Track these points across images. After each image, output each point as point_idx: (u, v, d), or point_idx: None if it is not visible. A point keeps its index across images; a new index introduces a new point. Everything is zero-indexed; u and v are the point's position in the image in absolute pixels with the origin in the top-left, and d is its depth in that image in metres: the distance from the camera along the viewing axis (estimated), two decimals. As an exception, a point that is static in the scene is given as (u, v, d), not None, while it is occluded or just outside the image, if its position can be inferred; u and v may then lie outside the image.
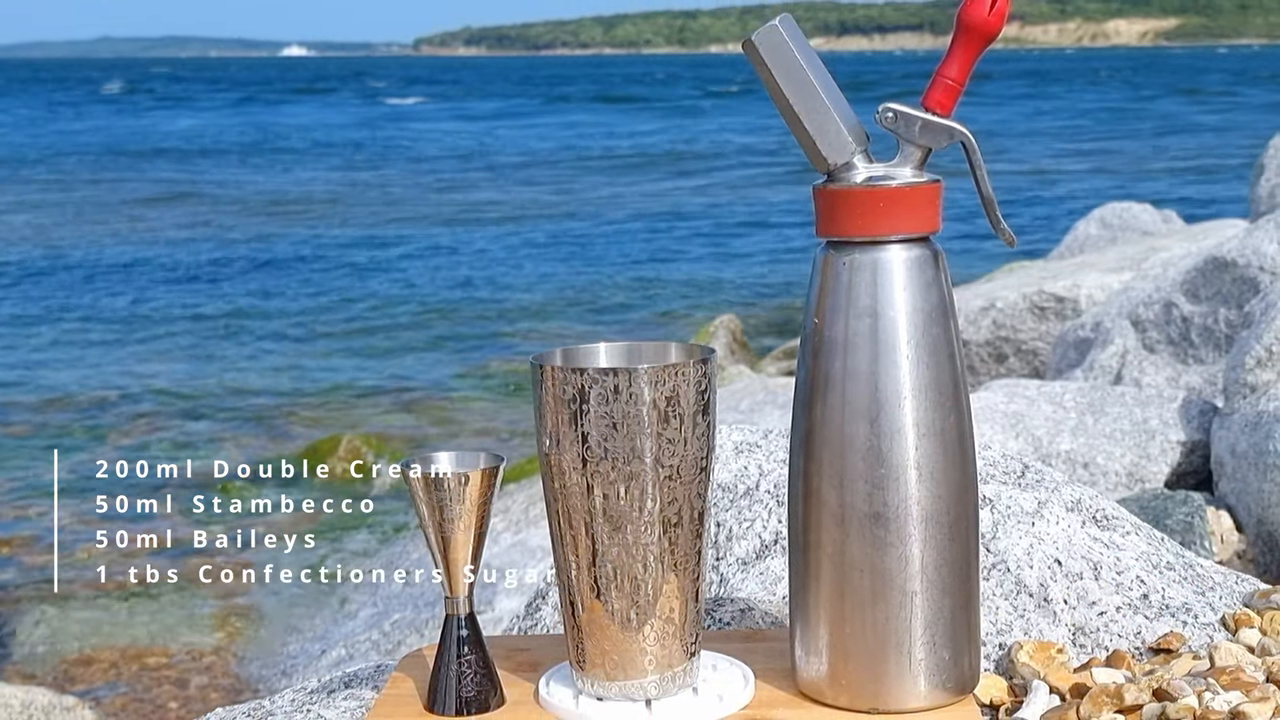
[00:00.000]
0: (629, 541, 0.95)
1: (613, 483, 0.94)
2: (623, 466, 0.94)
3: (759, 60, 0.96)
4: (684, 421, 0.94)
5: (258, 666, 3.84)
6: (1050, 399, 2.90)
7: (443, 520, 0.99)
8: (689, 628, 0.99)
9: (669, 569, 0.97)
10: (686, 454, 0.95)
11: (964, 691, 1.00)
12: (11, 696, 3.00)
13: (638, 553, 0.96)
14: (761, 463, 1.38)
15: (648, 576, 0.96)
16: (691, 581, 0.98)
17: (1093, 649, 1.15)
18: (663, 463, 0.94)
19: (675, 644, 0.98)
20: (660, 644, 0.98)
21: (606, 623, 0.98)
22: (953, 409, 0.97)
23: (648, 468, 0.94)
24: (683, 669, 0.99)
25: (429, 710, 1.01)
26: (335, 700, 1.11)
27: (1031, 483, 1.30)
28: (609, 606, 0.97)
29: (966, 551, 0.99)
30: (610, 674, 0.99)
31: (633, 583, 0.96)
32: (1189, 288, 3.37)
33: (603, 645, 0.98)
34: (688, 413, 0.95)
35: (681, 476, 0.95)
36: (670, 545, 0.96)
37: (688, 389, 0.94)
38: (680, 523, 0.96)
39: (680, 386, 0.94)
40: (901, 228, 0.96)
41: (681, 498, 0.96)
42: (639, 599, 0.97)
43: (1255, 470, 2.38)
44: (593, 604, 0.97)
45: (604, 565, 0.96)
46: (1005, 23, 0.96)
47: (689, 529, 0.97)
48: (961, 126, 0.96)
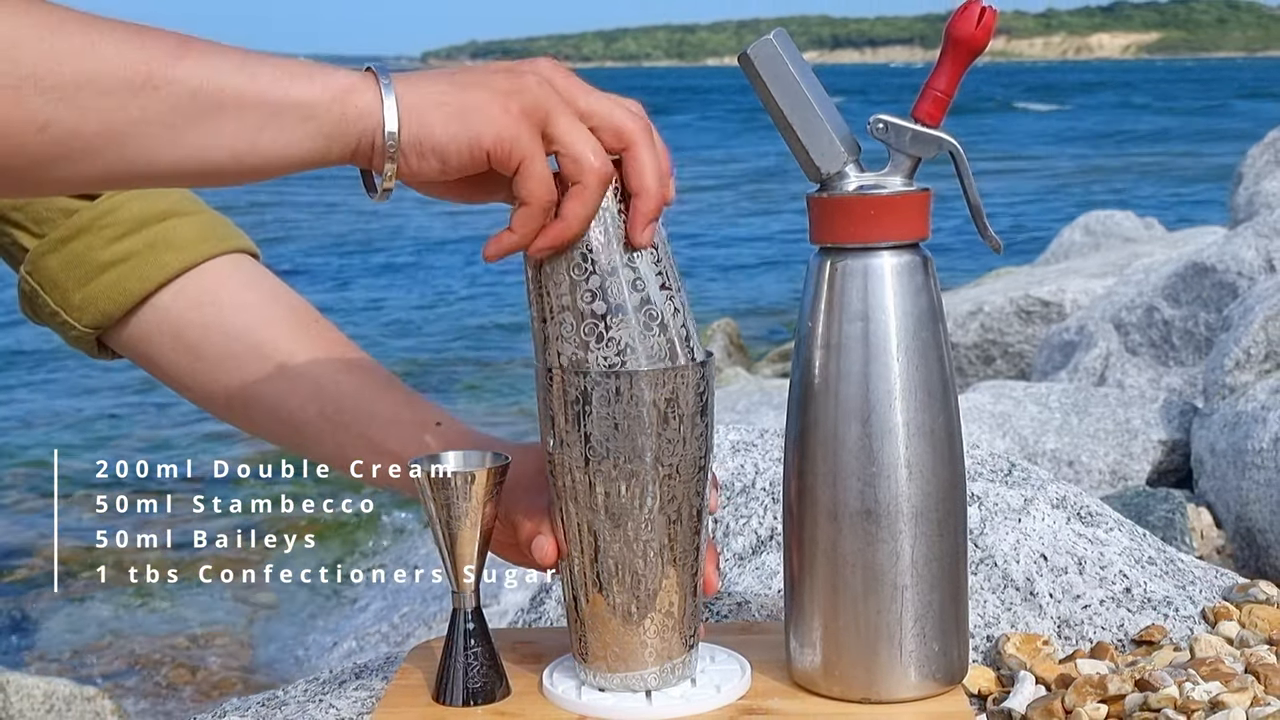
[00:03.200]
0: (630, 537, 0.95)
1: (614, 480, 0.94)
2: (624, 465, 0.94)
3: (754, 73, 0.96)
4: (683, 422, 0.94)
5: (270, 658, 3.84)
6: (1036, 400, 2.91)
7: (449, 518, 0.99)
8: (688, 621, 0.99)
9: (669, 564, 0.97)
10: (686, 453, 0.95)
11: (953, 682, 1.00)
12: (34, 688, 3.00)
13: (638, 548, 0.96)
14: (757, 461, 1.38)
15: (648, 571, 0.96)
16: (690, 576, 0.98)
17: (1077, 641, 1.15)
18: (662, 461, 0.94)
19: (675, 637, 0.98)
20: (660, 637, 0.98)
21: (608, 616, 0.97)
22: (942, 409, 0.97)
23: (648, 466, 0.94)
24: (682, 660, 0.99)
25: (436, 700, 1.01)
26: (346, 690, 1.11)
27: (1018, 480, 1.30)
28: (610, 600, 0.97)
29: (955, 547, 0.99)
30: (612, 666, 0.99)
31: (634, 577, 0.96)
32: (1170, 292, 3.37)
33: (604, 638, 0.98)
34: (687, 414, 0.95)
35: (681, 475, 0.95)
36: (670, 541, 0.96)
37: (687, 391, 0.94)
38: (680, 519, 0.96)
39: (680, 389, 0.94)
40: (892, 235, 0.96)
41: (681, 495, 0.96)
42: (639, 593, 0.97)
43: (1234, 468, 2.38)
44: (595, 598, 0.97)
45: (605, 560, 0.96)
46: (992, 36, 0.96)
47: (688, 525, 0.97)
48: (950, 136, 0.96)
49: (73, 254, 1.06)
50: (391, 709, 1.02)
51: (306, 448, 1.09)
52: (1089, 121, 32.67)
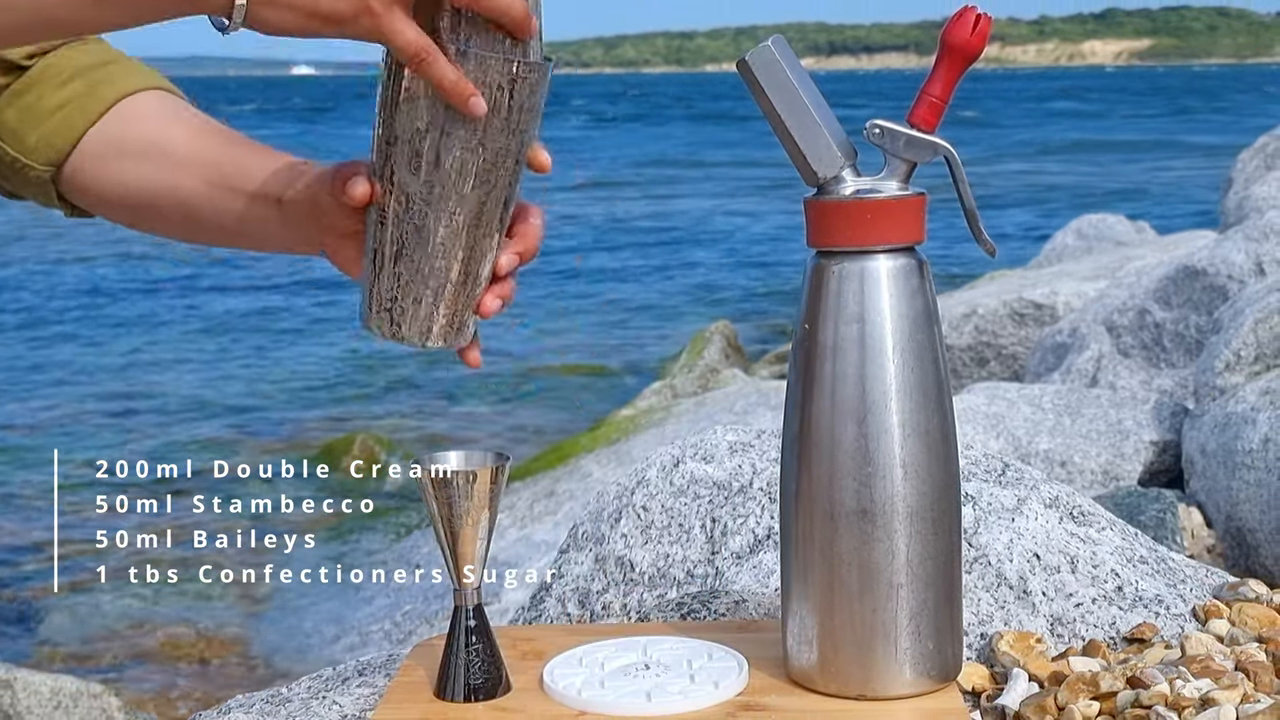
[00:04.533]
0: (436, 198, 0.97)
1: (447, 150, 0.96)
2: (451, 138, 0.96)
3: (752, 79, 0.96)
4: (511, 114, 0.96)
5: (273, 656, 3.84)
6: (1029, 401, 2.91)
7: (451, 516, 0.99)
8: (469, 289, 1.01)
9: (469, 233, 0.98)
10: (508, 144, 0.97)
11: (947, 679, 1.00)
12: (41, 684, 3.00)
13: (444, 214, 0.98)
14: (755, 461, 1.38)
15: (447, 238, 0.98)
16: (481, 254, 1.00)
17: (1070, 639, 1.15)
18: (486, 145, 0.96)
19: (459, 300, 1.01)
20: (445, 300, 1.00)
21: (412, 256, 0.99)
22: (936, 410, 0.97)
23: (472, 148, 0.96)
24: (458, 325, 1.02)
25: (438, 697, 1.02)
26: (349, 687, 1.11)
27: (1011, 480, 1.30)
28: (410, 255, 1.00)
29: (950, 546, 0.99)
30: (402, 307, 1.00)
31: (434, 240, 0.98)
32: (1161, 295, 3.37)
33: (402, 280, 1.00)
34: (516, 107, 0.96)
35: (501, 164, 0.97)
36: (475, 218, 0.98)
37: (522, 87, 0.96)
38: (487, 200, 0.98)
39: (517, 84, 0.95)
40: (888, 238, 0.96)
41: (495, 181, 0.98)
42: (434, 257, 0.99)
43: (1224, 469, 2.38)
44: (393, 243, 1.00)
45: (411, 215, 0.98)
46: (986, 43, 0.96)
47: (493, 209, 0.99)
48: (945, 142, 0.96)
49: (25, 105, 1.17)
50: (394, 705, 1.02)
51: (202, 225, 1.19)
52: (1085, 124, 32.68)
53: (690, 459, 1.39)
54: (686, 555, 1.32)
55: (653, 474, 1.39)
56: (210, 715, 1.14)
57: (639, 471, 1.41)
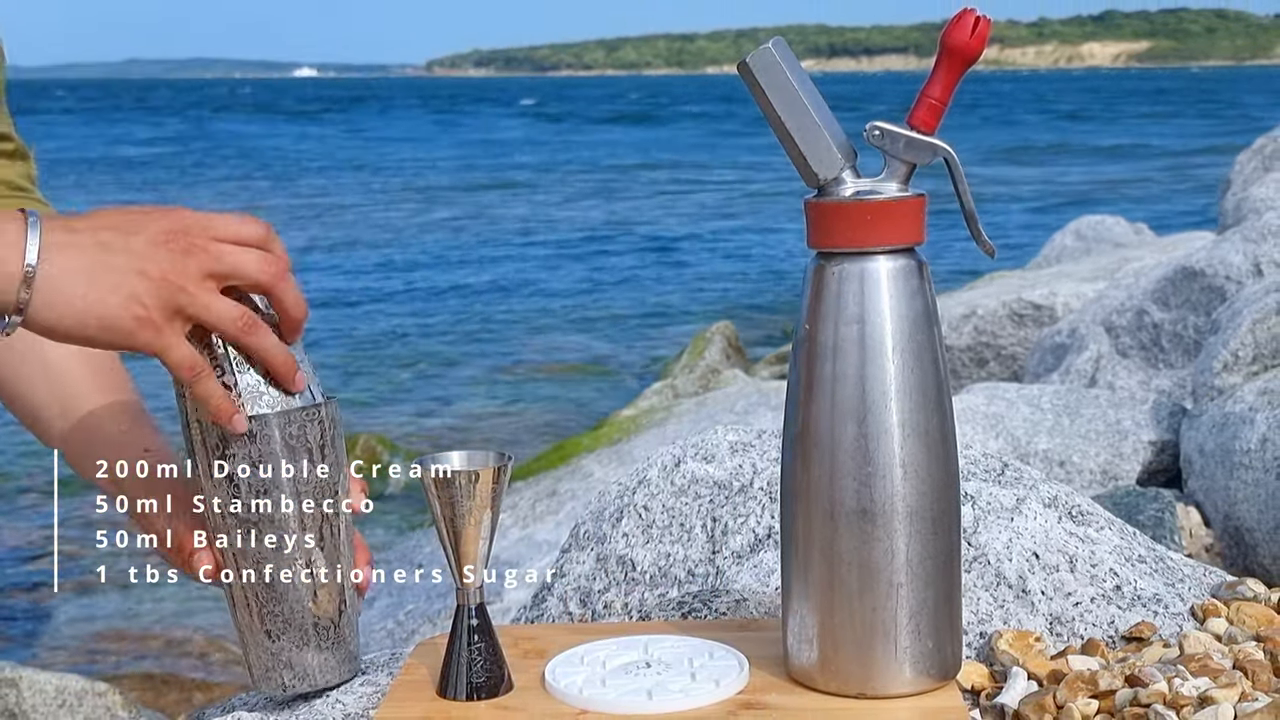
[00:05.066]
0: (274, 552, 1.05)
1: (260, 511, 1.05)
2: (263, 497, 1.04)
3: (753, 81, 0.96)
4: (313, 454, 1.03)
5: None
6: (1028, 401, 2.90)
7: (454, 516, 0.99)
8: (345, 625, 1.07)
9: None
10: (322, 482, 1.04)
11: (947, 678, 1.00)
12: (46, 683, 3.00)
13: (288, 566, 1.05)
14: (755, 461, 1.38)
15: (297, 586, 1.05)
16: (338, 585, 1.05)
17: (1069, 638, 1.15)
18: (301, 491, 1.04)
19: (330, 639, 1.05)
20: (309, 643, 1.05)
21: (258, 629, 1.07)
22: (936, 410, 0.97)
23: (287, 495, 1.05)
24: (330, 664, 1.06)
25: (441, 695, 1.02)
26: (352, 686, 1.11)
27: (1010, 480, 1.30)
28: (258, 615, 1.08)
29: (949, 545, 0.99)
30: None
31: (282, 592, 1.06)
32: (1159, 296, 3.37)
33: (258, 652, 1.07)
34: (314, 447, 1.03)
35: (318, 500, 1.05)
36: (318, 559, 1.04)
37: (313, 428, 1.02)
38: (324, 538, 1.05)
39: (307, 428, 1.02)
40: (887, 239, 0.96)
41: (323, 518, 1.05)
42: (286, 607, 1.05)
43: (1222, 468, 2.38)
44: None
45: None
46: (986, 45, 0.96)
47: (330, 543, 1.05)
48: (944, 143, 0.96)
49: None
50: (397, 704, 1.02)
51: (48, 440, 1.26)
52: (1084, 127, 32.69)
53: (691, 459, 1.39)
54: (687, 554, 1.32)
55: (654, 474, 1.39)
56: (214, 712, 1.14)
57: (640, 471, 1.41)
